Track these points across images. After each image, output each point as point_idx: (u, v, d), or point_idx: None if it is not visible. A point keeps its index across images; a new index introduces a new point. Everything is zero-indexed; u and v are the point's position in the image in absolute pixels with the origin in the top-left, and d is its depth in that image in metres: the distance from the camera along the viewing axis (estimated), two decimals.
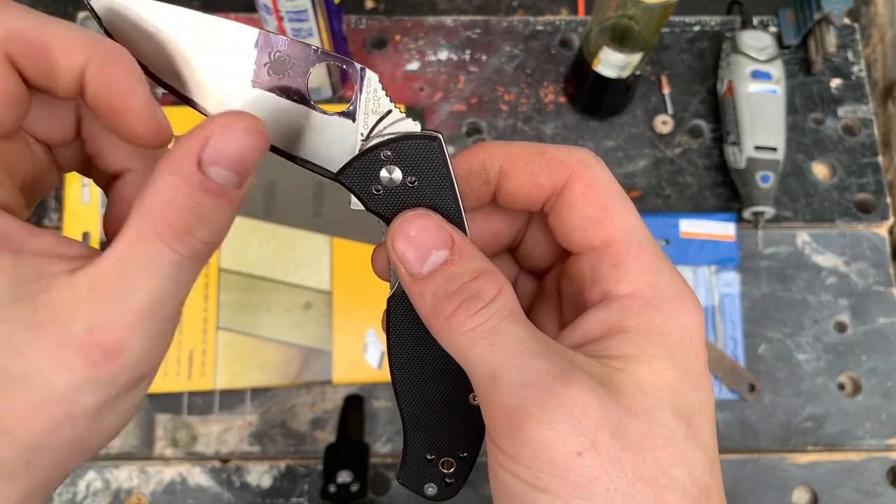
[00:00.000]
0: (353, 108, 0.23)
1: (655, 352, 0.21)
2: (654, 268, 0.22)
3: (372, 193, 0.23)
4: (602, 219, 0.22)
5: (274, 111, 0.22)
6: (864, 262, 0.65)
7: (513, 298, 0.21)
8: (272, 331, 0.60)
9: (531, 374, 0.20)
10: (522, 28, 0.71)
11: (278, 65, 0.22)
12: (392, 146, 0.23)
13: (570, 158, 0.23)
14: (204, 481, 0.58)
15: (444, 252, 0.22)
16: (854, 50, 0.72)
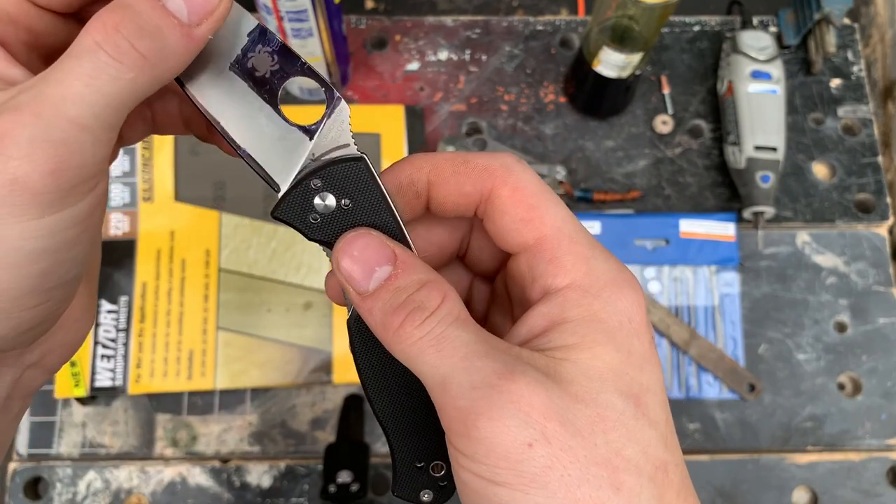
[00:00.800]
0: (316, 127, 0.23)
1: (596, 338, 0.21)
2: (587, 257, 0.23)
3: (310, 223, 0.23)
4: (531, 218, 0.23)
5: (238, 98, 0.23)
6: (864, 262, 0.65)
7: (458, 304, 0.22)
8: (272, 331, 0.60)
9: (478, 375, 0.20)
10: (522, 28, 0.71)
11: (262, 61, 0.23)
12: (320, 174, 0.23)
13: (493, 164, 0.24)
14: (204, 481, 0.58)
15: (388, 267, 0.22)
16: (854, 50, 0.72)
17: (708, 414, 0.61)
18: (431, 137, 0.67)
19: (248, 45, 0.23)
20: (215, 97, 0.22)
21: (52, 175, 0.19)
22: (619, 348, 0.21)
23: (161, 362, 0.59)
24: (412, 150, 0.65)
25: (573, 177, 0.67)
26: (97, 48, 0.19)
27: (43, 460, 0.58)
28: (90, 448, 0.58)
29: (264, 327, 0.60)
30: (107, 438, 0.59)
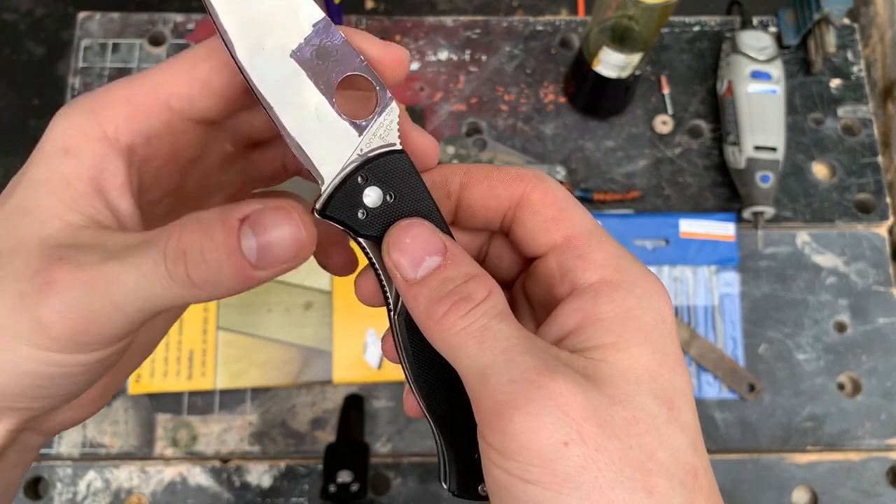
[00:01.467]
0: (366, 124, 0.23)
1: (632, 338, 0.21)
2: (616, 255, 0.23)
3: (359, 220, 0.24)
4: (561, 218, 0.24)
5: (295, 85, 0.23)
6: (864, 262, 0.65)
7: (502, 299, 0.22)
8: (272, 331, 0.60)
9: (518, 370, 0.20)
10: (522, 28, 0.71)
11: (323, 52, 0.23)
12: (365, 168, 0.23)
13: (526, 173, 0.25)
14: (204, 481, 0.58)
15: (438, 258, 0.23)
16: (854, 50, 0.72)
17: (708, 414, 0.61)
18: None
19: (311, 35, 0.23)
20: (271, 80, 0.22)
21: (73, 333, 0.20)
22: (656, 349, 0.21)
23: (161, 362, 0.59)
24: None
25: (573, 177, 0.67)
26: (161, 258, 0.20)
27: (43, 460, 0.58)
28: (90, 448, 0.58)
29: (264, 327, 0.60)
30: (107, 438, 0.59)
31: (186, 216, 0.21)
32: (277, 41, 0.22)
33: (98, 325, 0.20)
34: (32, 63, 0.71)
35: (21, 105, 0.69)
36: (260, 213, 0.20)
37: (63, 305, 0.20)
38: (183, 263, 0.20)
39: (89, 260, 0.20)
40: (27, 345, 0.20)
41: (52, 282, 0.20)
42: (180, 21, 0.70)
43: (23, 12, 0.72)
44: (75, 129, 0.22)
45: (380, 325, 0.60)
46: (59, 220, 0.21)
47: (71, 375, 0.22)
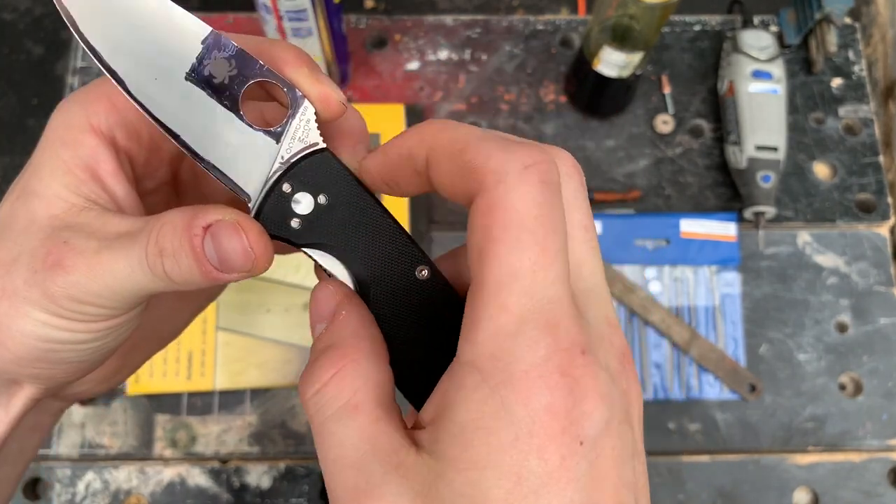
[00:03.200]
0: (281, 130, 0.22)
1: (476, 457, 0.17)
2: (506, 333, 0.18)
3: (294, 230, 0.22)
4: (482, 256, 0.18)
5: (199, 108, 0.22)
6: (865, 262, 0.65)
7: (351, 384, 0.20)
8: (272, 331, 0.60)
9: (340, 488, 0.19)
10: (523, 28, 0.71)
11: (219, 67, 0.22)
12: (288, 175, 0.22)
13: (487, 165, 0.18)
14: (203, 482, 0.58)
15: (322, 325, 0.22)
16: (855, 49, 0.71)
17: (708, 414, 0.61)
18: None
19: (203, 53, 0.22)
20: (172, 108, 0.22)
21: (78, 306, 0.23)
22: (505, 474, 0.17)
23: (160, 363, 0.59)
24: None
25: None
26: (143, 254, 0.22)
27: (42, 460, 0.58)
28: (89, 448, 0.58)
29: (264, 327, 0.60)
30: (106, 439, 0.58)
31: (167, 212, 0.22)
32: (168, 68, 0.22)
33: (98, 302, 0.23)
34: (31, 62, 0.70)
35: (20, 104, 0.69)
36: (217, 226, 0.21)
37: (68, 284, 0.22)
38: (160, 262, 0.22)
39: (89, 246, 0.22)
40: (39, 311, 0.22)
41: (58, 263, 0.22)
42: None
43: (22, 11, 0.72)
44: (70, 121, 0.24)
45: None
46: (64, 201, 0.23)
47: (82, 342, 0.24)
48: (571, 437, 0.17)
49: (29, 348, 0.23)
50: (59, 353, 0.24)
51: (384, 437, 0.19)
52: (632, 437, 0.19)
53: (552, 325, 0.18)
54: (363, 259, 0.22)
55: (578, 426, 0.17)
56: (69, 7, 0.22)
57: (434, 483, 0.18)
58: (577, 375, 0.18)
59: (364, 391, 0.20)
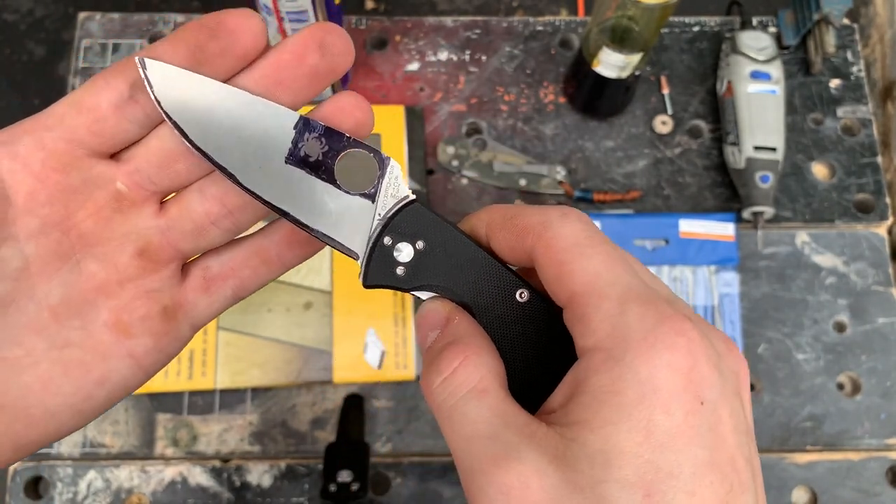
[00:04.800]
0: (374, 190, 0.25)
1: (608, 416, 0.19)
2: (615, 314, 0.20)
3: (400, 277, 0.25)
4: (560, 275, 0.22)
5: (301, 186, 0.24)
6: (864, 262, 0.65)
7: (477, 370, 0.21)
8: (272, 331, 0.60)
9: (476, 460, 0.20)
10: (522, 28, 0.71)
11: (312, 147, 0.24)
12: (387, 230, 0.25)
13: (532, 221, 0.23)
14: (204, 481, 0.58)
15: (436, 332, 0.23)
16: (853, 50, 0.72)
17: None
18: (431, 138, 0.67)
19: (296, 137, 0.24)
20: (279, 191, 0.24)
21: None
22: (635, 427, 0.19)
23: None
24: (412, 150, 0.65)
25: (573, 177, 0.67)
26: None
27: (43, 460, 0.58)
28: (91, 448, 0.58)
29: (264, 327, 0.60)
30: (107, 438, 0.59)
31: None
32: (269, 157, 0.24)
33: None
34: (33, 63, 0.71)
35: (21, 105, 0.69)
36: None
37: None
38: None
39: None
40: None
41: None
42: (180, 21, 0.70)
43: (23, 12, 0.72)
44: None
45: (380, 325, 0.60)
46: None
47: None
48: (692, 395, 0.19)
49: None
50: None
51: (514, 414, 0.21)
52: (744, 414, 0.20)
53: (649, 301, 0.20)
54: (466, 293, 0.25)
55: (697, 386, 0.19)
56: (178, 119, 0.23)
57: (568, 447, 0.19)
58: (690, 337, 0.19)
59: (489, 378, 0.21)
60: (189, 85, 0.23)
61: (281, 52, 0.24)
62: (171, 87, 0.23)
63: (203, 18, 0.23)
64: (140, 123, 0.24)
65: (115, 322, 0.24)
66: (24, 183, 0.23)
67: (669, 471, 0.18)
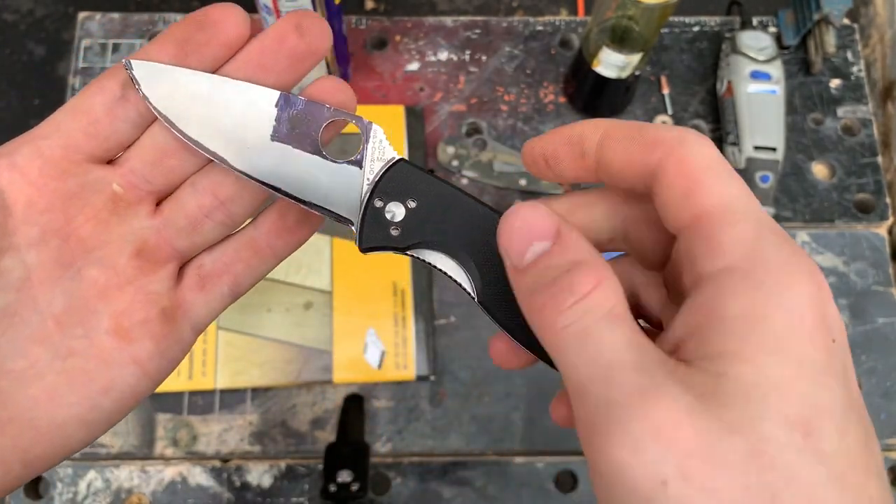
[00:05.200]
0: (361, 157, 0.25)
1: (760, 344, 0.17)
2: (751, 237, 0.19)
3: (394, 237, 0.25)
4: (692, 191, 0.20)
5: (290, 161, 0.25)
6: (864, 262, 0.65)
7: (613, 295, 0.19)
8: (272, 330, 0.60)
9: (619, 391, 0.18)
10: (522, 28, 0.71)
11: (295, 121, 0.25)
12: (375, 192, 0.25)
13: (666, 136, 0.21)
14: (204, 481, 0.58)
15: (546, 243, 0.20)
16: (853, 50, 0.72)
17: None
18: (431, 138, 0.67)
19: (278, 114, 0.25)
20: (269, 169, 0.25)
21: None
22: (787, 359, 0.17)
23: None
24: (412, 150, 0.65)
25: None
26: None
27: None
28: (90, 448, 0.58)
29: (264, 327, 0.60)
30: (107, 438, 0.59)
31: None
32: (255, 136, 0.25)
33: None
34: (33, 63, 0.71)
35: (21, 105, 0.69)
36: None
37: None
38: None
39: None
40: None
41: None
42: None
43: (23, 12, 0.72)
44: None
45: (380, 325, 0.60)
46: None
47: None
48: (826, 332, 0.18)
49: None
50: None
51: (650, 346, 0.19)
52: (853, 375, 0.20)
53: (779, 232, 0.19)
54: (466, 245, 0.24)
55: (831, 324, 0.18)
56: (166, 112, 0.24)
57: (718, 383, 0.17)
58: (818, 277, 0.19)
59: (623, 305, 0.19)
60: (173, 78, 0.24)
61: (262, 38, 0.25)
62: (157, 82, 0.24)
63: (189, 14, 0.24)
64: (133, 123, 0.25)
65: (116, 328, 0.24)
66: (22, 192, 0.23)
67: (825, 407, 0.17)
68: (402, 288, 0.61)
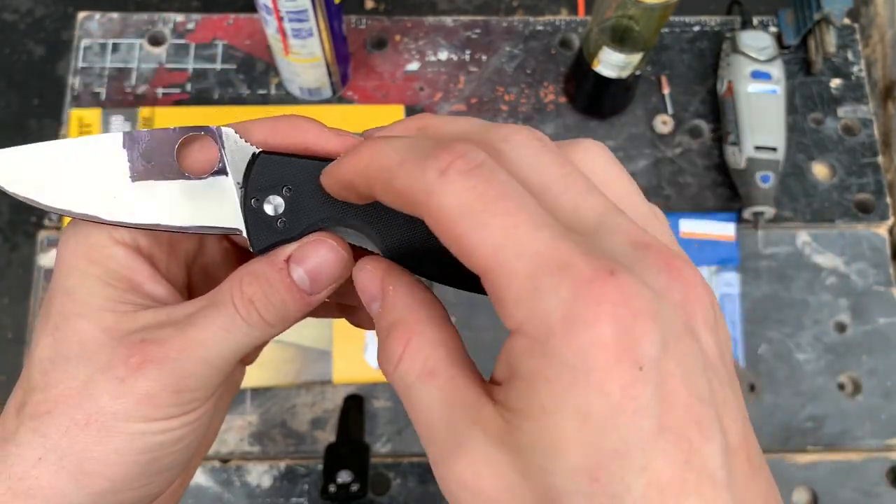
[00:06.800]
0: (222, 164, 0.24)
1: (542, 404, 0.18)
2: (527, 294, 0.18)
3: (280, 229, 0.24)
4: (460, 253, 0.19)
5: (159, 194, 0.24)
6: (864, 262, 0.65)
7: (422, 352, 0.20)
8: None
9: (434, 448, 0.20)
10: (522, 28, 0.71)
11: (148, 155, 0.24)
12: (248, 192, 0.24)
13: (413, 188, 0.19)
14: (204, 481, 0.58)
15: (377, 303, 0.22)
16: (854, 50, 0.72)
17: None
18: None
19: (129, 155, 0.24)
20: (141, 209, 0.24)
21: (176, 394, 0.23)
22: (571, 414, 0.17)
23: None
24: None
25: None
26: (234, 310, 0.23)
27: None
28: None
29: None
30: None
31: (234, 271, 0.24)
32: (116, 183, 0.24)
33: (194, 382, 0.23)
34: (32, 63, 0.71)
35: (21, 105, 0.69)
36: (301, 249, 0.24)
37: (162, 374, 0.23)
38: (254, 309, 0.23)
39: (168, 334, 0.23)
40: (137, 421, 0.23)
41: (148, 360, 0.23)
42: (180, 21, 0.70)
43: (23, 12, 0.72)
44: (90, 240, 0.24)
45: None
46: (112, 312, 0.24)
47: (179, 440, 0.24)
48: (629, 364, 0.17)
49: (129, 467, 0.23)
50: (159, 460, 0.24)
51: (462, 394, 0.20)
52: (698, 348, 0.18)
53: (563, 265, 0.17)
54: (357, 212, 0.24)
55: (633, 352, 0.17)
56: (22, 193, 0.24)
57: (512, 433, 0.18)
58: (613, 300, 0.17)
59: (435, 357, 0.21)
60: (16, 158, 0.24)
61: None
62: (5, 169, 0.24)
63: None
64: None
65: None
66: None
67: (614, 450, 0.17)
68: None
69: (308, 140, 0.24)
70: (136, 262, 0.24)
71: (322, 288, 0.24)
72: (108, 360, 0.23)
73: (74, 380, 0.23)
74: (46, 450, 0.22)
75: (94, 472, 0.22)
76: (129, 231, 0.24)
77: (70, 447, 0.22)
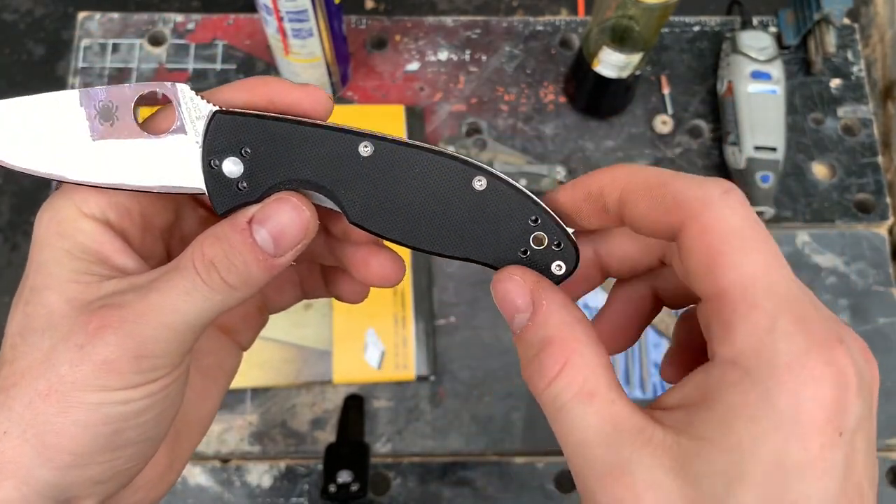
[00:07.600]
0: (180, 122, 0.24)
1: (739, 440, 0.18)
2: (763, 329, 0.18)
3: (242, 191, 0.24)
4: (714, 267, 0.19)
5: (121, 153, 0.24)
6: (864, 262, 0.65)
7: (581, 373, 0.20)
8: (272, 331, 0.60)
9: (588, 467, 0.19)
10: (522, 28, 0.71)
11: (105, 113, 0.24)
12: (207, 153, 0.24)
13: (689, 196, 0.20)
14: (204, 481, 0.58)
15: (525, 315, 0.22)
16: (854, 50, 0.72)
17: None
18: (431, 138, 0.67)
19: (89, 113, 0.24)
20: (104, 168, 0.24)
21: (136, 360, 0.22)
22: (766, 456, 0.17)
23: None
24: None
25: (573, 177, 0.67)
26: (195, 274, 0.23)
27: None
28: None
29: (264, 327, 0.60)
30: None
31: (200, 235, 0.23)
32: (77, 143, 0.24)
33: (156, 348, 0.23)
34: (32, 63, 0.71)
35: None
36: (263, 209, 0.23)
37: (121, 339, 0.22)
38: (215, 271, 0.23)
39: (129, 299, 0.23)
40: (96, 390, 0.22)
41: (105, 325, 0.22)
42: (180, 21, 0.70)
43: (23, 12, 0.72)
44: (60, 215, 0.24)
45: (379, 325, 0.60)
46: (78, 283, 0.23)
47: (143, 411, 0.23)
48: (834, 427, 0.18)
49: (91, 439, 0.22)
50: (122, 433, 0.23)
51: (625, 417, 0.20)
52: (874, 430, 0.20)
53: (802, 319, 0.18)
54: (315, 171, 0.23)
55: (841, 418, 0.18)
56: None
57: (690, 460, 0.18)
58: (840, 366, 0.18)
59: (594, 378, 0.20)
60: None
61: None
62: None
63: None
64: None
65: None
66: None
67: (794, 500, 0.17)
68: (402, 288, 0.61)
69: (271, 92, 0.24)
70: (105, 235, 0.24)
71: (286, 250, 0.23)
72: (70, 328, 0.22)
73: (39, 351, 0.22)
74: (11, 423, 0.22)
75: (56, 444, 0.22)
76: (97, 204, 0.24)
77: (33, 419, 0.22)
